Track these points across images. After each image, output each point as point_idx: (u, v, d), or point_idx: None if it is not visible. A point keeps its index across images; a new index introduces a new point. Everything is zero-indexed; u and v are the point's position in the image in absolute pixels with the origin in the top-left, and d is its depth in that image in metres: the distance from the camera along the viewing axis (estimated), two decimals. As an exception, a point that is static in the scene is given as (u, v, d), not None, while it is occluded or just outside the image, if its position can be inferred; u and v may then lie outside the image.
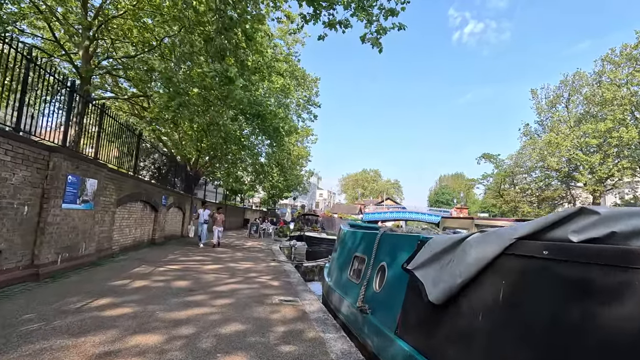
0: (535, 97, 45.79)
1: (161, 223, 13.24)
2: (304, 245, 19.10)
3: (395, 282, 3.70)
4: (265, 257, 11.73)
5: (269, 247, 16.08)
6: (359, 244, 5.39)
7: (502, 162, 53.33)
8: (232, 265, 9.23)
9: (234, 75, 6.84)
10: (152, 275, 6.91)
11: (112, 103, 18.52)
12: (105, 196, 8.22)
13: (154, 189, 12.25)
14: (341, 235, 6.80)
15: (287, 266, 10.13)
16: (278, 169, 26.45)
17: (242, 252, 12.75)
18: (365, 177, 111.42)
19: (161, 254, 10.29)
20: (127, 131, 10.38)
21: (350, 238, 6.01)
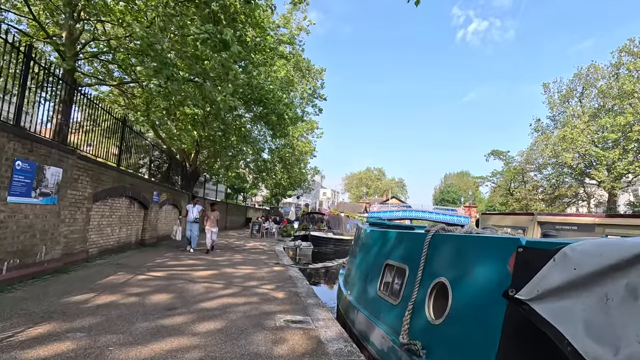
0: (547, 90, 44.14)
1: (152, 222, 11.92)
2: (310, 246, 17.74)
3: (473, 312, 2.33)
4: (267, 260, 10.38)
5: (272, 248, 14.73)
6: (392, 248, 4.00)
7: (511, 159, 51.77)
8: (228, 272, 7.87)
9: (230, 39, 5.50)
10: (127, 286, 5.55)
11: (106, 96, 17.32)
12: (77, 189, 6.89)
13: (143, 183, 10.92)
14: (361, 236, 5.41)
15: (292, 271, 8.77)
16: (281, 165, 25.10)
17: (242, 255, 11.40)
18: (369, 176, 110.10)
19: (148, 258, 8.95)
20: (107, 115, 9.05)
21: (376, 240, 4.62)
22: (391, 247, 4.04)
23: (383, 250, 4.25)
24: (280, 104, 10.89)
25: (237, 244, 15.37)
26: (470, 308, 2.36)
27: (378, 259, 4.27)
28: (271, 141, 25.54)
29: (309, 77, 25.46)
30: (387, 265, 3.95)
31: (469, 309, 2.37)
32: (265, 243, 16.82)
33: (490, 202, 77.11)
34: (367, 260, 4.68)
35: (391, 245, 4.06)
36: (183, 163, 19.90)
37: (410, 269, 3.36)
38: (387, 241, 4.24)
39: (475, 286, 2.36)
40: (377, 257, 4.37)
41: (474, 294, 2.35)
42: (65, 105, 9.53)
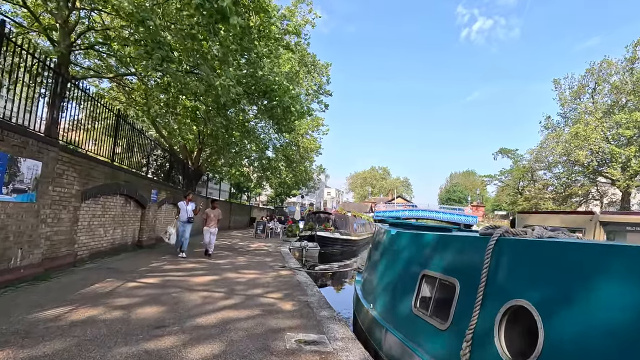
0: (558, 87, 42.96)
1: (150, 222, 11.22)
2: (316, 247, 16.98)
3: (596, 357, 1.54)
4: (273, 263, 9.64)
5: (278, 249, 13.99)
6: (430, 255, 3.23)
7: (520, 157, 50.67)
8: (230, 277, 7.12)
9: (228, 7, 4.73)
10: (112, 297, 4.82)
11: (107, 92, 16.72)
12: (61, 186, 6.18)
13: (140, 181, 10.21)
14: (384, 239, 4.63)
15: (300, 276, 8.01)
16: (286, 164, 24.36)
17: (246, 257, 10.66)
18: (373, 175, 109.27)
19: (143, 261, 8.23)
20: (101, 107, 8.35)
21: (406, 244, 3.84)
22: (428, 254, 3.26)
23: (417, 258, 3.47)
24: (286, 96, 10.14)
25: (241, 244, 14.65)
26: (590, 350, 1.57)
27: (410, 268, 3.50)
28: (276, 139, 24.87)
29: (315, 73, 24.70)
30: (425, 276, 3.17)
31: (587, 352, 1.58)
32: (270, 244, 16.09)
33: (496, 201, 76.02)
34: (394, 269, 3.90)
35: (428, 251, 3.28)
36: (185, 161, 19.23)
37: (463, 283, 2.58)
38: (421, 246, 3.46)
39: (594, 317, 1.58)
40: (408, 265, 3.59)
41: (594, 328, 1.57)
42: (58, 98, 8.89)
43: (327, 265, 16.06)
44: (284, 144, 24.05)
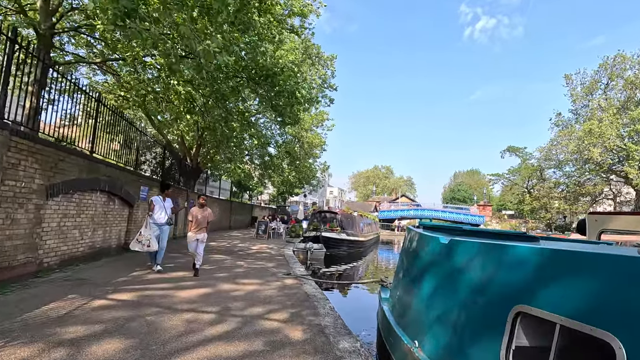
0: (569, 82, 41.58)
1: (139, 222, 10.03)
2: (322, 249, 15.80)
3: None
4: (276, 269, 8.46)
5: (281, 251, 12.82)
6: (531, 283, 2.02)
7: (529, 156, 49.24)
8: (225, 290, 5.94)
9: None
10: (64, 324, 3.64)
11: (101, 86, 15.64)
12: (16, 179, 5.01)
13: (126, 175, 9.05)
14: (427, 250, 3.41)
15: (308, 286, 6.83)
16: (288, 160, 23.16)
17: (246, 261, 9.48)
18: (376, 174, 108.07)
19: (125, 268, 7.08)
20: (78, 90, 7.20)
21: (472, 260, 2.64)
22: (526, 280, 2.06)
23: (500, 283, 2.27)
24: (290, 80, 8.98)
25: (241, 247, 13.48)
26: None
27: (489, 300, 2.30)
28: (278, 135, 23.69)
29: (319, 65, 23.49)
30: (523, 315, 1.97)
31: None
32: (273, 245, 14.92)
33: (501, 200, 74.66)
34: (454, 294, 2.69)
35: (525, 277, 2.08)
36: (183, 158, 18.11)
37: (629, 344, 1.39)
38: (507, 266, 2.26)
39: None
40: (481, 292, 2.39)
41: None
42: (39, 86, 7.75)
43: (333, 267, 14.89)
44: (286, 140, 22.90)
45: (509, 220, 49.87)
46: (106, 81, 16.33)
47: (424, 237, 3.52)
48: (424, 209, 57.08)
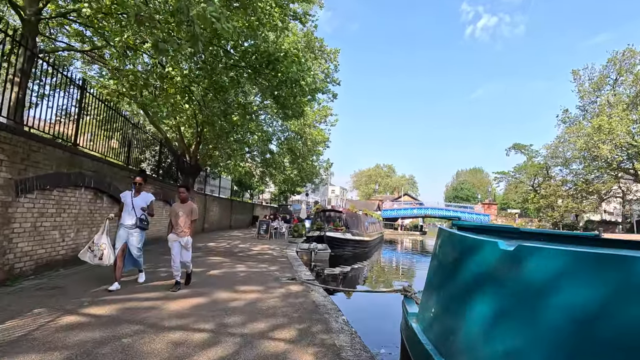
0: (577, 78, 40.68)
1: (131, 222, 9.32)
2: (327, 250, 15.06)
3: None
4: (279, 273, 7.71)
5: (284, 252, 12.07)
6: None
7: (536, 153, 48.35)
8: (222, 299, 5.19)
9: None
10: (14, 350, 2.90)
11: (97, 80, 14.94)
12: (-26, 172, 4.27)
13: (115, 171, 8.31)
14: (479, 259, 2.62)
15: (316, 294, 6.08)
16: (291, 158, 22.38)
17: (246, 265, 8.72)
18: (378, 173, 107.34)
19: (109, 274, 6.33)
20: (59, 75, 6.45)
21: (552, 275, 1.86)
22: None
23: (628, 317, 1.50)
24: (294, 66, 8.21)
25: (242, 247, 12.73)
26: None
27: (605, 337, 1.53)
28: (280, 131, 22.92)
29: (322, 59, 22.71)
30: None
31: None
32: (275, 246, 14.17)
33: (504, 199, 73.82)
34: (541, 326, 1.92)
35: None
36: (181, 155, 17.38)
37: None
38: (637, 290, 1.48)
39: None
40: (593, 328, 1.62)
41: None
42: (24, 76, 7.03)
43: (338, 269, 14.15)
44: (289, 136, 22.13)
45: (515, 218, 48.97)
46: (101, 75, 15.62)
47: (472, 242, 2.74)
48: (427, 208, 56.34)
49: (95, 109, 7.61)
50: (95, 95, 7.70)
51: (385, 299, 8.56)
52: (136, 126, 9.80)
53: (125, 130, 9.48)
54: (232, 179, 26.79)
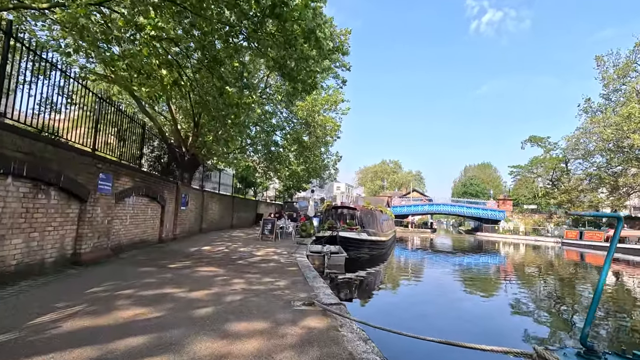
0: (601, 64, 38.06)
1: (99, 224, 7.25)
2: (342, 253, 12.95)
3: None
4: (290, 292, 5.61)
5: (293, 257, 9.96)
6: None
7: (554, 146, 45.77)
8: (201, 356, 3.08)
9: None
10: None
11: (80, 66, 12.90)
12: None
13: (70, 156, 6.23)
14: None
15: (348, 331, 3.97)
16: (298, 151, 20.21)
17: (245, 279, 6.60)
18: (384, 169, 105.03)
19: (52, 296, 4.25)
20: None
21: None
22: None
23: None
24: (308, 12, 6.11)
25: (242, 252, 10.64)
26: None
27: None
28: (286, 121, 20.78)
29: (330, 40, 20.45)
30: None
31: None
32: (282, 249, 12.07)
33: (514, 194, 71.13)
34: None
35: None
36: (178, 148, 15.35)
37: None
38: None
39: None
40: None
41: None
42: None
43: (353, 275, 12.04)
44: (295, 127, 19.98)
45: (531, 215, 46.52)
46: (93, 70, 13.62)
47: None
48: (439, 204, 54.06)
49: (31, 61, 5.49)
50: (40, 55, 5.58)
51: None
52: (105, 100, 7.68)
53: (92, 107, 7.37)
54: (233, 174, 24.74)
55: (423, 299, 9.70)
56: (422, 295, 10.28)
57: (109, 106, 7.94)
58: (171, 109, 15.26)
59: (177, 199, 13.14)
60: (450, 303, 9.21)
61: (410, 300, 9.51)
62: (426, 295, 10.23)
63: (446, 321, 7.55)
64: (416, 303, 9.10)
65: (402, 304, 9.05)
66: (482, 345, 2.74)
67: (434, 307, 8.77)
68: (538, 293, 11.21)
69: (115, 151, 8.51)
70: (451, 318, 7.82)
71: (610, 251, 2.37)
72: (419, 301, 9.35)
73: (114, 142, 8.52)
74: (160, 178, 11.33)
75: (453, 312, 8.29)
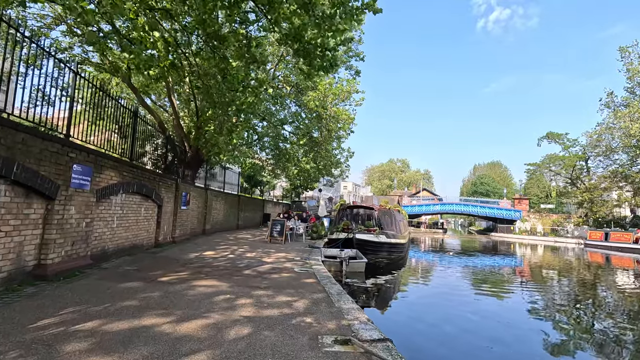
0: (625, 56, 36.01)
1: (72, 228, 5.86)
2: (362, 259, 11.49)
3: None
4: (314, 320, 4.15)
5: (307, 265, 8.48)
6: None
7: (573, 142, 43.65)
8: None
9: None
10: None
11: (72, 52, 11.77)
12: None
13: (27, 141, 4.84)
14: None
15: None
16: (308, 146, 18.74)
17: (255, 298, 5.13)
18: (392, 168, 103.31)
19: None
20: None
21: None
22: None
23: None
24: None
25: (249, 258, 9.21)
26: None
27: None
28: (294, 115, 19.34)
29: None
30: None
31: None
32: (293, 253, 10.64)
33: (525, 193, 68.98)
34: None
35: None
36: (181, 144, 14.07)
37: None
38: None
39: None
40: None
41: None
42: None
43: (374, 282, 10.58)
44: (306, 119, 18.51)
45: (549, 215, 44.52)
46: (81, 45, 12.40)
47: None
48: (451, 204, 52.23)
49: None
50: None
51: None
52: (79, 74, 6.27)
53: (62, 82, 5.98)
54: (239, 172, 23.40)
55: (461, 314, 8.17)
56: (460, 309, 8.74)
57: (88, 83, 6.54)
58: (173, 103, 13.95)
59: (177, 198, 11.77)
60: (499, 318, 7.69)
61: (450, 315, 7.99)
62: (466, 310, 8.69)
63: (502, 347, 6.05)
64: (455, 318, 7.58)
65: (441, 321, 7.54)
66: None
67: (478, 327, 7.25)
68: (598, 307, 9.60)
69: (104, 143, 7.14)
70: (507, 343, 6.31)
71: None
72: (458, 317, 7.83)
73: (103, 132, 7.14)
74: (156, 174, 9.95)
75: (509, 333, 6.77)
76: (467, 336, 6.63)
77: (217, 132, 11.54)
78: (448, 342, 6.36)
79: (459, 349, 6.01)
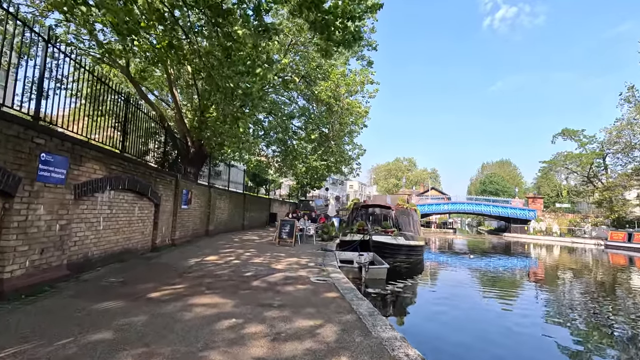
0: (647, 48, 34.32)
1: (42, 229, 4.73)
2: (383, 264, 10.29)
3: None
4: (351, 357, 3.00)
5: (323, 270, 7.28)
6: None
7: (590, 139, 41.97)
8: None
9: None
10: None
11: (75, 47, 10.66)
12: None
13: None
14: None
15: None
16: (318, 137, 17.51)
17: (266, 320, 3.96)
18: (398, 167, 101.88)
19: None
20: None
21: None
22: None
23: None
24: None
25: (257, 264, 8.04)
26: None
27: None
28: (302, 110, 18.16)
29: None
30: None
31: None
32: (306, 258, 9.48)
33: (538, 191, 67.09)
34: None
35: None
36: (184, 139, 12.98)
37: None
38: None
39: None
40: None
41: None
42: None
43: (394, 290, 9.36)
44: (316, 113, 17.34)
45: (564, 214, 42.89)
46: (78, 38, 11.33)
47: None
48: (461, 203, 50.78)
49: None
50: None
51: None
52: (54, 44, 5.12)
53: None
54: (245, 170, 22.28)
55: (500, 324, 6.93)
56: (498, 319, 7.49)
57: (66, 58, 5.39)
58: (175, 97, 12.86)
59: (177, 196, 10.65)
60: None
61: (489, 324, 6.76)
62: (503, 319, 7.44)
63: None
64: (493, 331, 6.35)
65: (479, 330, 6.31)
66: None
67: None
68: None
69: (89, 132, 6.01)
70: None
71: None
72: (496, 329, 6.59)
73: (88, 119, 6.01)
74: (152, 168, 8.83)
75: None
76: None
77: (221, 121, 10.39)
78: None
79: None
